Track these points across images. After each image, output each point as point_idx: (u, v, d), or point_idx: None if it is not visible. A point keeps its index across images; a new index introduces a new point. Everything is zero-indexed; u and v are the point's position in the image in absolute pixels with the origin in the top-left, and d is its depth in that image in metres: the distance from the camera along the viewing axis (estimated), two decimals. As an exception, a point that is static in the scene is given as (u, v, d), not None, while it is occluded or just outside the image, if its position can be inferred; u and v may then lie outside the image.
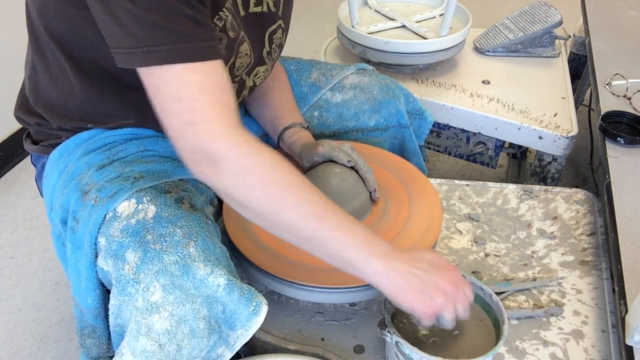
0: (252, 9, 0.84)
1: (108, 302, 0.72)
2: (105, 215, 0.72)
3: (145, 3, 0.62)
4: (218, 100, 0.65)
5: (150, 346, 0.66)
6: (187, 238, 0.69)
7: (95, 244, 0.72)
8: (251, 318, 0.70)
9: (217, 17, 0.75)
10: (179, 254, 0.67)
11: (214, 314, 0.69)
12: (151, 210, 0.72)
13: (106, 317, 0.78)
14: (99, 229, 0.72)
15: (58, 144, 0.86)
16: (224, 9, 0.76)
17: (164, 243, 0.68)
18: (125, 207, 0.72)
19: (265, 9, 0.86)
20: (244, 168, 0.66)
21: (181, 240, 0.69)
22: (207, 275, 0.68)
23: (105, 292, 0.77)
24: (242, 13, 0.83)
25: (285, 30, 0.93)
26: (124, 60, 0.65)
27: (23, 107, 0.90)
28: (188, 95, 0.64)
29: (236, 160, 0.65)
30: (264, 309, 0.71)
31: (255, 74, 0.90)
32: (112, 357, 0.82)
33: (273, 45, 0.90)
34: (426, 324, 0.69)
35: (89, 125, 0.85)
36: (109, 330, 0.79)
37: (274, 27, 0.89)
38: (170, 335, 0.66)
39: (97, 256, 0.73)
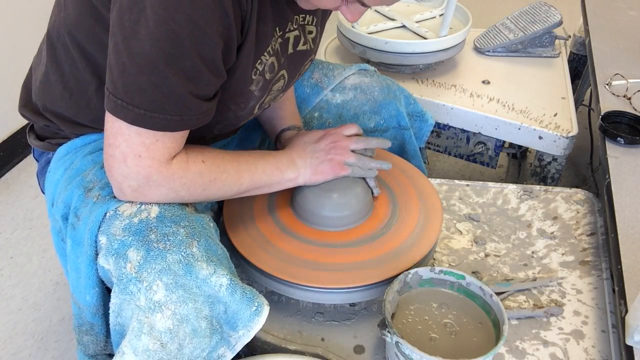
0: (300, 47, 0.87)
1: (107, 300, 0.72)
2: (105, 213, 0.72)
3: (140, 62, 0.64)
4: (172, 151, 0.72)
5: (153, 345, 0.66)
6: (190, 238, 0.69)
7: (96, 242, 0.72)
8: (253, 318, 0.70)
9: (258, 61, 0.78)
10: (183, 253, 0.68)
11: (215, 314, 0.70)
12: (154, 210, 0.72)
13: (104, 314, 0.78)
14: (99, 227, 0.72)
15: (65, 142, 0.86)
16: (265, 54, 0.78)
17: (167, 242, 0.68)
18: (127, 206, 0.73)
19: (308, 47, 0.89)
20: (174, 188, 0.73)
21: (185, 239, 0.69)
22: (210, 274, 0.68)
23: (105, 290, 0.77)
24: (290, 51, 0.85)
25: (312, 61, 0.96)
26: (105, 99, 0.68)
27: (28, 105, 0.89)
28: (144, 147, 0.69)
29: (170, 185, 0.73)
30: (266, 310, 0.71)
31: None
32: (110, 354, 0.82)
33: (298, 75, 0.93)
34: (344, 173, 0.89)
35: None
36: (107, 327, 0.78)
37: (307, 60, 0.92)
38: (172, 334, 0.66)
39: (97, 254, 0.73)
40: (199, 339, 0.68)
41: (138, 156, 0.69)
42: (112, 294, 0.70)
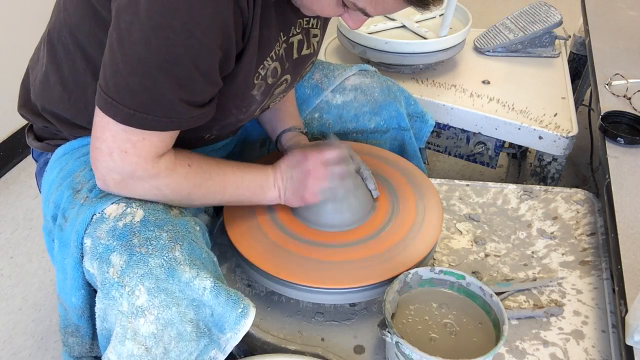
0: (304, 51, 0.87)
1: (93, 302, 0.72)
2: (92, 216, 0.72)
3: (133, 64, 0.64)
4: (159, 150, 0.72)
5: (137, 350, 0.66)
6: (173, 242, 0.69)
7: (82, 244, 0.72)
8: (239, 321, 0.70)
9: (261, 66, 0.78)
10: (165, 257, 0.67)
11: (202, 317, 0.69)
12: (139, 214, 0.72)
13: (90, 316, 0.78)
14: (86, 229, 0.72)
15: (63, 144, 0.86)
16: (267, 59, 0.78)
17: (149, 246, 0.68)
18: (113, 209, 0.72)
19: (312, 50, 0.89)
20: (158, 185, 0.74)
21: (167, 244, 0.69)
22: (193, 278, 0.68)
23: (92, 292, 0.77)
24: (295, 56, 0.85)
25: (313, 64, 0.96)
26: (96, 94, 0.68)
27: (27, 105, 0.89)
28: (130, 144, 0.69)
29: (154, 182, 0.73)
30: (252, 312, 0.71)
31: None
32: (95, 356, 0.82)
33: (299, 78, 0.93)
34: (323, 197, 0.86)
35: None
36: (92, 329, 0.78)
37: (309, 63, 0.92)
38: (157, 338, 0.66)
39: (83, 257, 0.73)
40: (185, 343, 0.68)
41: (124, 152, 0.69)
42: (96, 298, 0.70)
